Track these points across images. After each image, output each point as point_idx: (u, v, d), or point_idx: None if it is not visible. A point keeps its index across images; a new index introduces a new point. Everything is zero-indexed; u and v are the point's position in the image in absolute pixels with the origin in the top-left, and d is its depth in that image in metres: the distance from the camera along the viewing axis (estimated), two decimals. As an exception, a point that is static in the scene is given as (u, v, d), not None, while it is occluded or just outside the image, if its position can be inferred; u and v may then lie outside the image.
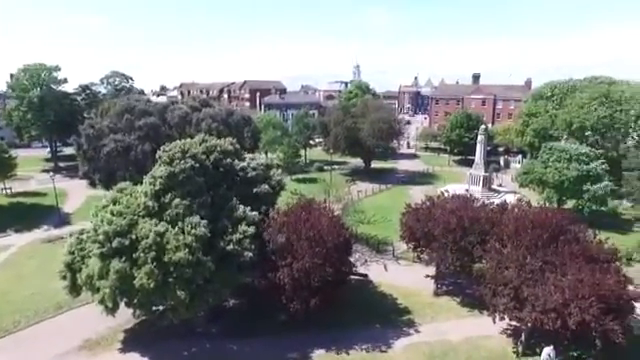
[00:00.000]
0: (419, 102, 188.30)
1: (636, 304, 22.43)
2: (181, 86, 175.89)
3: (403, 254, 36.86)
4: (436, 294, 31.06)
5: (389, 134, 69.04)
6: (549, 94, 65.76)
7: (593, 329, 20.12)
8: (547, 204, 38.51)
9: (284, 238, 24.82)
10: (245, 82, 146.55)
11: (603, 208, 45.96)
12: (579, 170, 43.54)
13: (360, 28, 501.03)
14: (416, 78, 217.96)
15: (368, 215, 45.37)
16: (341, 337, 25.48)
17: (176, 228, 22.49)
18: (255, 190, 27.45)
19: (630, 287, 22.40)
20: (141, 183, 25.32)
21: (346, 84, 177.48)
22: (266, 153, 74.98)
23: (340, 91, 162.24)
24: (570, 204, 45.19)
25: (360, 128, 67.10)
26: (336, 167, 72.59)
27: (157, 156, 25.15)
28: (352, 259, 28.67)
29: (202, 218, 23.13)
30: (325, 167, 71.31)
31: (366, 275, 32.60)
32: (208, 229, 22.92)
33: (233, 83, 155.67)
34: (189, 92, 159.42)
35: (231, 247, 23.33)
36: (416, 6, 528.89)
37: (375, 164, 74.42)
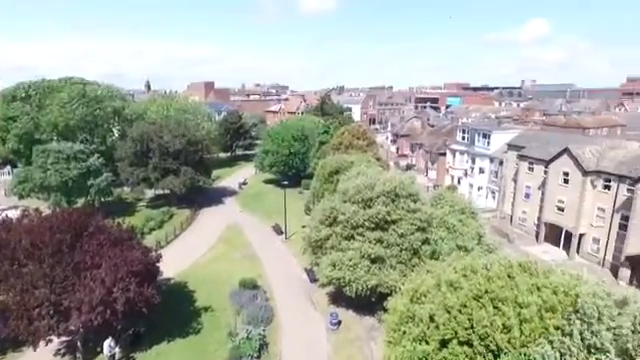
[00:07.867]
0: None
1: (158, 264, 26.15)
2: None
3: None
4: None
5: None
6: (24, 95, 61.05)
7: (137, 302, 21.98)
8: (58, 208, 36.88)
9: None
10: None
11: (110, 198, 49.70)
12: (80, 168, 44.28)
13: None
14: None
15: None
16: None
17: None
18: None
19: (152, 254, 25.93)
20: None
21: None
22: None
23: None
24: (81, 202, 45.42)
25: None
26: None
27: None
28: None
29: None
30: None
31: None
32: None
33: None
34: None
35: None
36: None
37: None
